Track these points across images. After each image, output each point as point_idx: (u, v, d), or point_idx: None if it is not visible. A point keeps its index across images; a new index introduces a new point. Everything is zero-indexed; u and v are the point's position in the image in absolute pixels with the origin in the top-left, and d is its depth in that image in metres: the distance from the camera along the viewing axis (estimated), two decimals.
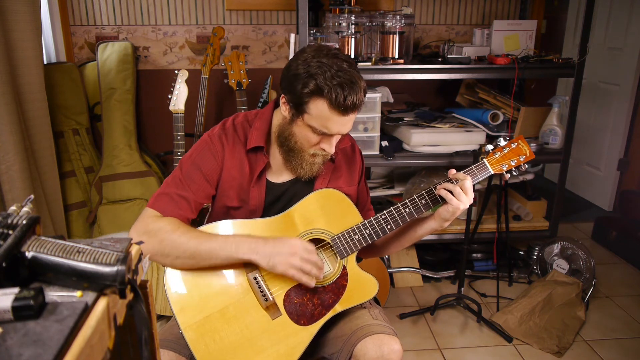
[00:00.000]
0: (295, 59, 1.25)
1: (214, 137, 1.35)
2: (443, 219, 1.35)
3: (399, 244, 1.49)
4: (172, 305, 1.27)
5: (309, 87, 1.20)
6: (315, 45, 1.27)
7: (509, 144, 1.43)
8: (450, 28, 3.01)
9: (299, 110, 1.25)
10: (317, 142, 1.29)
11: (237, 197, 1.37)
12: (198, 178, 1.32)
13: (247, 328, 1.28)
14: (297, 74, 1.22)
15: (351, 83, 1.20)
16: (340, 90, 1.18)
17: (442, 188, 1.32)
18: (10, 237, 0.58)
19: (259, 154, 1.36)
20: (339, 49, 1.28)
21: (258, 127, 1.36)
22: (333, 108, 1.20)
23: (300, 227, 1.34)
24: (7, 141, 2.03)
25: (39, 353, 0.49)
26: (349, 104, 1.20)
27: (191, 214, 1.32)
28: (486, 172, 1.39)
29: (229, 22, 2.84)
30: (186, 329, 1.26)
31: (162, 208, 1.29)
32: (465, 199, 1.30)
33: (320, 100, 1.21)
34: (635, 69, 3.26)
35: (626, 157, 3.43)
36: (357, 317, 1.37)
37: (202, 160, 1.33)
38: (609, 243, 3.11)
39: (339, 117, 1.22)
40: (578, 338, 2.28)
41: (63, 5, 2.69)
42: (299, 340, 1.29)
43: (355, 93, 1.20)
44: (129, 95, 2.72)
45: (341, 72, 1.19)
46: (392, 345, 1.25)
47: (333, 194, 1.37)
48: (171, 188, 1.32)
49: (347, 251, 1.35)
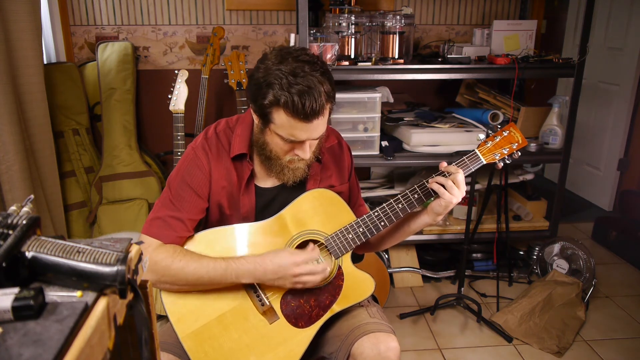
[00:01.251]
0: (257, 68, 1.22)
1: (197, 149, 1.33)
2: (436, 213, 1.34)
3: (393, 239, 1.49)
4: (169, 315, 1.27)
5: (268, 98, 1.17)
6: (279, 48, 1.23)
7: (501, 132, 1.40)
8: (450, 28, 3.01)
9: (265, 120, 1.22)
10: (290, 149, 1.26)
11: (228, 204, 1.35)
12: (189, 195, 1.30)
13: (245, 334, 1.27)
14: (258, 84, 1.19)
15: (308, 89, 1.14)
16: (298, 98, 1.14)
17: (434, 182, 1.31)
18: (10, 237, 0.58)
19: (244, 162, 1.34)
20: (304, 48, 1.24)
21: (240, 134, 1.34)
22: (294, 117, 1.17)
23: (293, 230, 1.33)
24: (7, 141, 2.03)
25: (39, 353, 0.49)
26: (309, 111, 1.15)
27: (187, 232, 1.31)
28: (478, 162, 1.37)
29: (229, 22, 2.84)
30: (185, 338, 1.25)
31: (157, 234, 1.27)
32: (458, 193, 1.28)
33: (279, 110, 1.17)
34: (635, 69, 3.26)
35: (626, 157, 3.43)
36: (354, 316, 1.36)
37: (190, 177, 1.31)
38: (609, 243, 3.11)
39: (303, 124, 1.18)
40: (578, 338, 2.28)
41: (63, 5, 2.69)
42: (298, 343, 1.29)
43: (314, 99, 1.15)
44: (129, 95, 2.72)
45: (299, 78, 1.14)
46: (389, 343, 1.25)
47: (324, 194, 1.36)
48: (163, 211, 1.29)
49: (341, 251, 1.34)
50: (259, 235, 1.32)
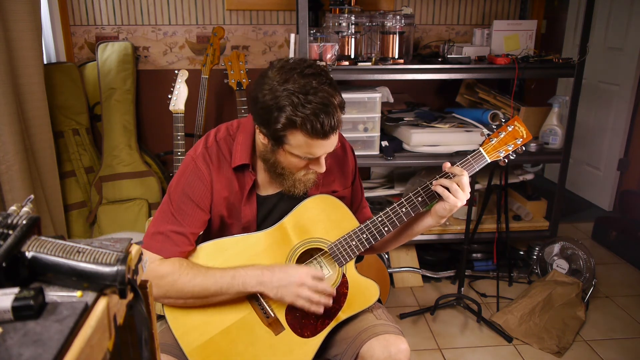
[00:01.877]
0: (260, 89, 1.15)
1: (197, 159, 1.28)
2: (440, 216, 1.30)
3: (396, 242, 1.46)
4: (174, 330, 1.25)
5: (281, 122, 1.11)
6: (279, 65, 1.15)
7: (505, 127, 1.36)
8: (450, 28, 3.01)
9: (278, 143, 1.17)
10: (305, 164, 1.22)
11: (229, 214, 1.33)
12: (191, 209, 1.26)
13: (252, 346, 1.26)
14: (267, 108, 1.13)
15: (325, 107, 1.10)
16: (315, 118, 1.09)
17: (438, 184, 1.27)
18: (10, 237, 0.58)
19: (246, 172, 1.30)
20: (304, 59, 1.18)
21: (241, 142, 1.29)
22: (312, 136, 1.12)
23: (296, 238, 1.31)
24: (7, 141, 2.03)
25: (39, 353, 0.49)
26: (327, 129, 1.12)
27: (190, 246, 1.27)
28: (483, 161, 1.34)
29: (229, 22, 2.84)
30: (191, 352, 1.24)
31: (159, 249, 1.24)
32: (463, 196, 1.25)
33: (295, 131, 1.13)
34: (635, 69, 3.26)
35: (626, 157, 3.43)
36: (360, 319, 1.35)
37: (191, 189, 1.27)
38: (609, 243, 3.11)
39: (320, 142, 1.14)
40: (578, 338, 2.28)
41: (63, 5, 2.69)
42: (305, 353, 1.28)
43: (331, 115, 1.11)
44: (129, 95, 2.72)
45: (311, 96, 1.09)
46: (400, 345, 1.24)
47: (326, 200, 1.33)
48: (165, 225, 1.25)
49: (345, 259, 1.31)
50: (260, 245, 1.30)
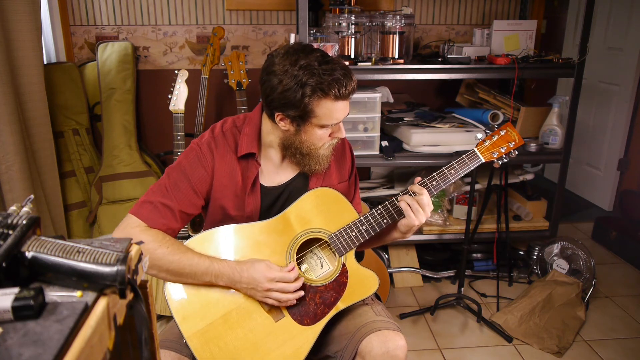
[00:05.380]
0: (272, 77, 1.21)
1: (202, 145, 1.32)
2: (402, 232, 1.37)
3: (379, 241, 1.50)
4: (174, 314, 1.26)
5: (308, 94, 1.19)
6: (281, 53, 1.23)
7: (498, 132, 1.45)
8: (450, 28, 3.01)
9: (305, 118, 1.24)
10: (329, 134, 1.30)
11: (232, 205, 1.35)
12: (185, 188, 1.30)
13: (251, 332, 1.28)
14: (288, 89, 1.19)
15: (343, 69, 1.21)
16: (338, 81, 1.19)
17: (402, 200, 1.31)
18: (10, 237, 0.58)
19: (251, 161, 1.34)
20: (299, 42, 1.29)
21: (248, 133, 1.34)
22: (337, 99, 1.22)
23: (297, 228, 1.34)
24: (7, 141, 2.03)
25: (39, 353, 0.49)
26: (350, 89, 1.23)
27: (175, 223, 1.29)
28: (477, 160, 1.41)
29: (229, 22, 2.84)
30: (190, 337, 1.25)
31: (145, 216, 1.26)
32: (421, 216, 1.29)
33: (323, 99, 1.21)
34: (635, 69, 3.26)
35: (626, 157, 3.43)
36: (360, 314, 1.37)
37: (191, 170, 1.30)
38: (609, 243, 3.11)
39: (342, 103, 1.24)
40: (578, 338, 2.28)
41: (63, 5, 2.69)
42: (304, 340, 1.29)
43: (350, 77, 1.22)
44: (129, 95, 2.72)
45: (325, 65, 1.19)
46: (397, 341, 1.26)
47: (327, 193, 1.37)
48: (156, 196, 1.28)
49: (345, 248, 1.35)
50: (263, 234, 1.33)
